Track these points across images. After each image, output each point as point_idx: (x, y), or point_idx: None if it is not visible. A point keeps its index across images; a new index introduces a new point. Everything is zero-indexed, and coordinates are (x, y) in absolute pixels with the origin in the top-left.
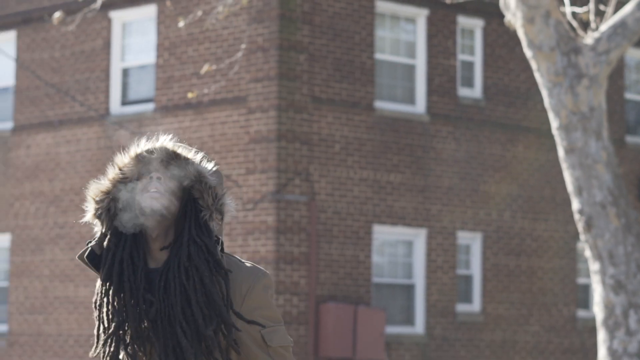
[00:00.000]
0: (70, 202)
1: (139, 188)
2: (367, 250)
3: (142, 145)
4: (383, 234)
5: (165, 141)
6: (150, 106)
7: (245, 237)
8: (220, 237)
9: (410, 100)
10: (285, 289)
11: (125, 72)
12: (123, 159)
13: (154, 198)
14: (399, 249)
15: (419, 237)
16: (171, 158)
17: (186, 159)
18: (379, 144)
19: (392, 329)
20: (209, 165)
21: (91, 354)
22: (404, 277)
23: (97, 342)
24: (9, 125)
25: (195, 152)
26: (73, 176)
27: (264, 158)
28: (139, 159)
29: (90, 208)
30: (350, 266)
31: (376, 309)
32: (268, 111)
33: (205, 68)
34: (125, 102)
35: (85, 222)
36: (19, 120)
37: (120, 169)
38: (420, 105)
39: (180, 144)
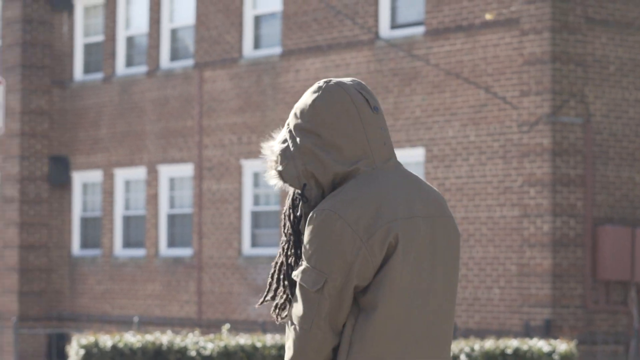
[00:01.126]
0: None
1: None
2: None
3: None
4: None
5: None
6: (420, 29)
7: (520, 159)
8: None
9: None
10: (562, 211)
11: None
12: None
13: None
14: None
15: None
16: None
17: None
18: None
19: None
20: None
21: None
22: None
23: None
24: (277, 50)
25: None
26: None
27: (539, 80)
28: None
29: None
30: (626, 188)
31: None
32: (542, 33)
33: None
34: (394, 25)
35: None
36: (287, 45)
37: None
38: None
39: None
